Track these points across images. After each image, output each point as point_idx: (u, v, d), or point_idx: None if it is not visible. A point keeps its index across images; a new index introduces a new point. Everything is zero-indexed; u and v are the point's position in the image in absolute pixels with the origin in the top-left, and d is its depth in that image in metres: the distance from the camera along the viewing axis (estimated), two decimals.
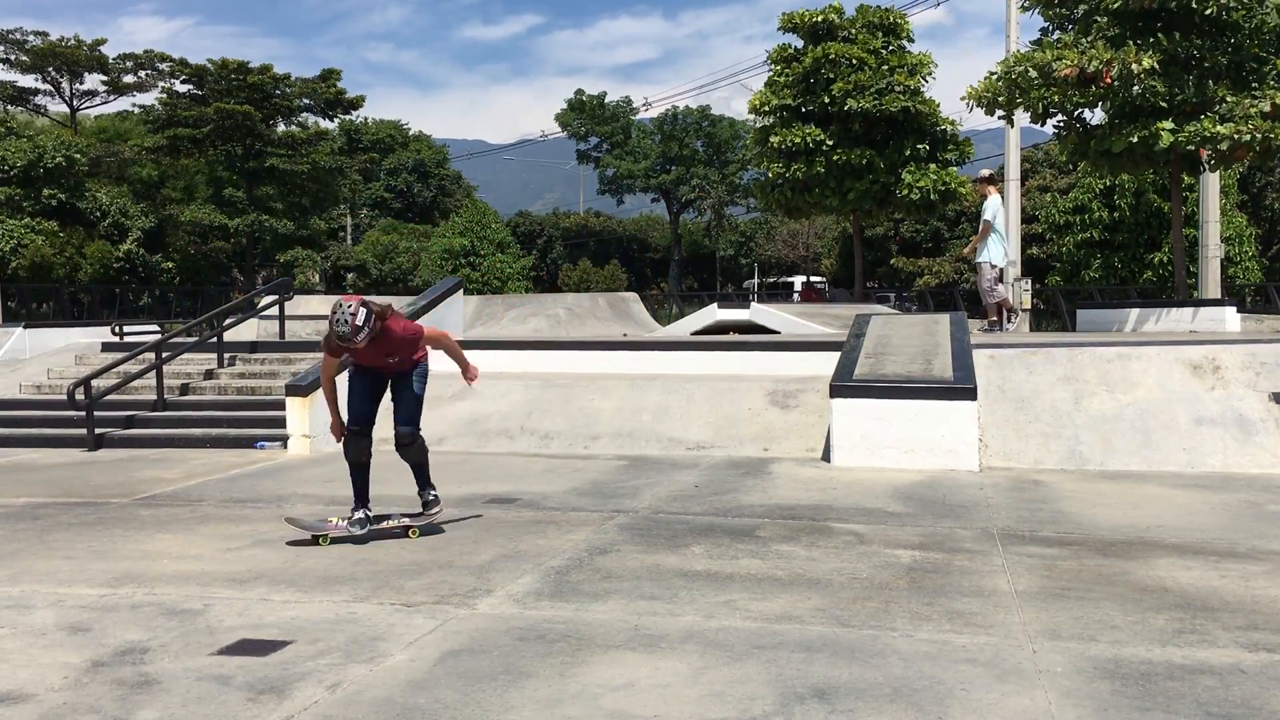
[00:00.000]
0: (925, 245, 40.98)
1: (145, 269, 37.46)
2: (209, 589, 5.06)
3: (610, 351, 12.35)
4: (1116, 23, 15.68)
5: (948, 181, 23.71)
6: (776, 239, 55.35)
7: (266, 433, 10.53)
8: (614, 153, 62.61)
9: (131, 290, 35.29)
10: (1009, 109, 17.12)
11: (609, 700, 3.58)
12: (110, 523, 6.74)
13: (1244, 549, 5.71)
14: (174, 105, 39.49)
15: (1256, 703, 3.51)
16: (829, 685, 3.69)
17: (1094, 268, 30.83)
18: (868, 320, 11.51)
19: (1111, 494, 7.43)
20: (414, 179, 61.73)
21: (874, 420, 8.70)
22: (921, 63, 24.04)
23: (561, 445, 9.91)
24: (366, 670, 3.90)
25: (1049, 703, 3.52)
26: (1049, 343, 10.57)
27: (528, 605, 4.73)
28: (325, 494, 7.63)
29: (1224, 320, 15.12)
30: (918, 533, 6.16)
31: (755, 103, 24.56)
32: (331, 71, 42.70)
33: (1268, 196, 34.75)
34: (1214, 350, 9.52)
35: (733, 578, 5.16)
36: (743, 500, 7.25)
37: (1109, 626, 4.34)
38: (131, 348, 12.61)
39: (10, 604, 4.85)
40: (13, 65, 42.34)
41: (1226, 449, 8.56)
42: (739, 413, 10.04)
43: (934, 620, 4.44)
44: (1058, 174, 37.97)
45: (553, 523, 6.55)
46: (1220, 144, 14.80)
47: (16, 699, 3.65)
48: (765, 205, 26.83)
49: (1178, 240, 17.57)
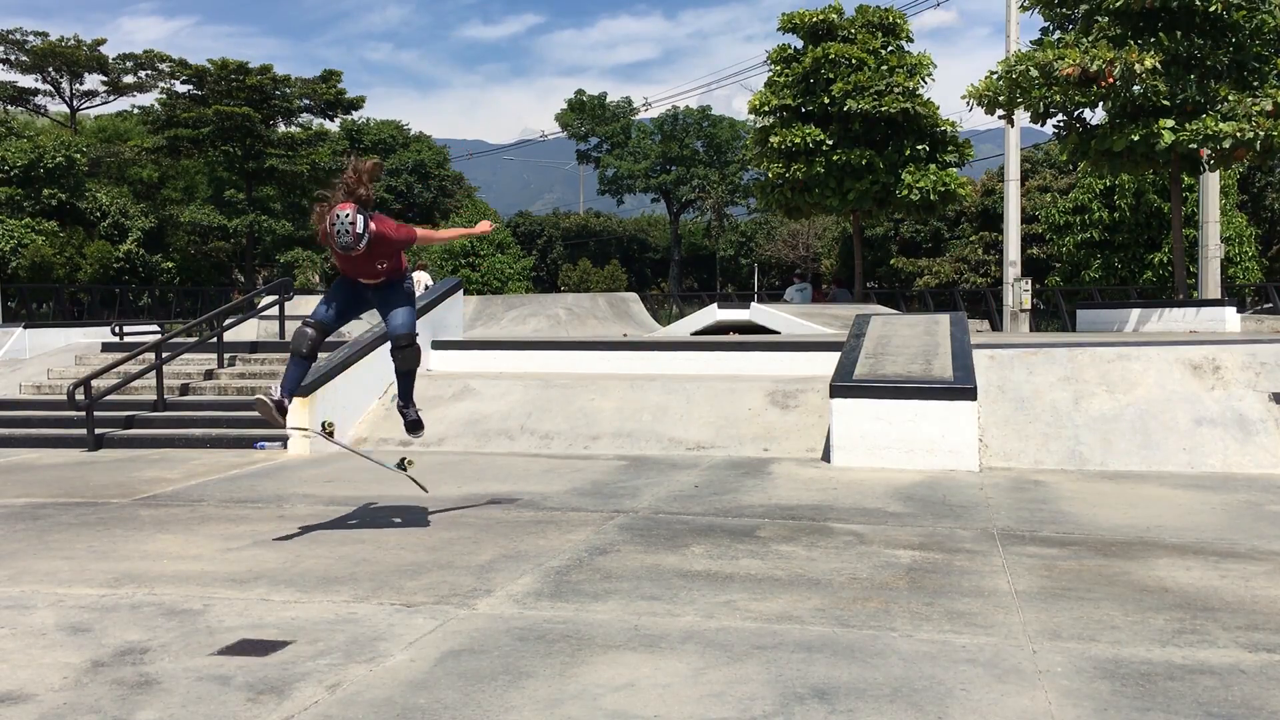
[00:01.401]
0: (925, 245, 40.95)
1: (145, 269, 37.46)
2: (209, 589, 5.06)
3: (610, 352, 12.36)
4: (1118, 22, 15.69)
5: (947, 182, 23.71)
6: (776, 239, 55.31)
7: (266, 433, 10.52)
8: (614, 153, 62.57)
9: (131, 290, 35.28)
10: (1009, 108, 17.14)
11: (609, 700, 3.58)
12: (110, 523, 6.74)
13: (1244, 549, 5.71)
14: (173, 106, 39.50)
15: (1256, 703, 3.51)
16: (829, 685, 3.69)
17: (1094, 268, 30.82)
18: (868, 320, 11.51)
19: (1111, 494, 7.43)
20: (414, 179, 61.72)
21: (874, 420, 8.70)
22: (921, 63, 24.04)
23: (561, 445, 9.91)
24: (366, 670, 3.90)
25: (1049, 703, 3.52)
26: (1049, 343, 10.58)
27: (528, 605, 4.73)
28: (325, 494, 7.63)
29: (1224, 320, 15.14)
30: (918, 533, 6.16)
31: (755, 103, 24.57)
32: (332, 73, 42.72)
33: (1268, 196, 34.73)
34: (1214, 350, 9.52)
35: (733, 578, 5.16)
36: (743, 500, 7.25)
37: (1109, 626, 4.33)
38: (131, 348, 12.61)
39: (10, 604, 4.85)
40: (13, 65, 42.38)
41: (1226, 449, 8.55)
42: (739, 413, 10.03)
43: (934, 620, 4.44)
44: (1058, 174, 37.95)
45: (553, 523, 6.55)
46: (1223, 142, 14.81)
47: (16, 699, 3.65)
48: (765, 205, 26.84)
49: (1178, 240, 17.57)
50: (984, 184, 38.72)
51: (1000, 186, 31.71)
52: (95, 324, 18.25)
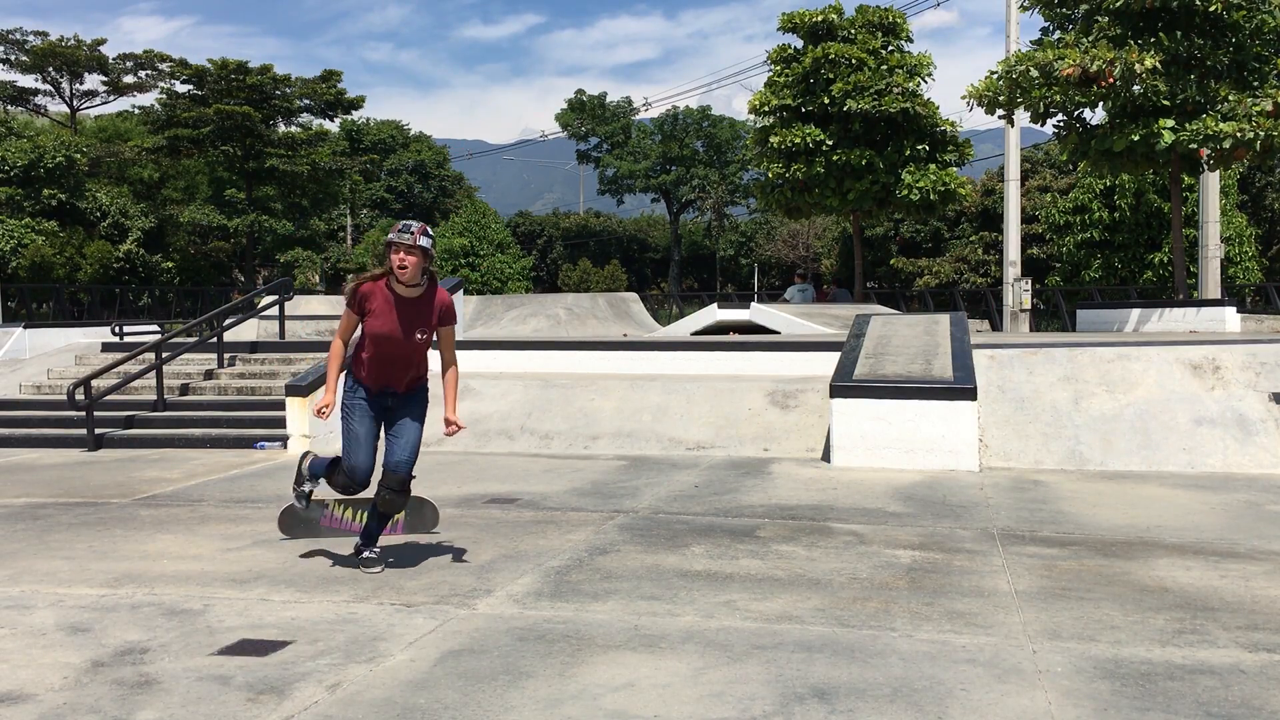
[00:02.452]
0: (925, 245, 40.95)
1: (145, 269, 37.46)
2: (209, 589, 5.06)
3: (610, 352, 12.36)
4: (1118, 22, 15.69)
5: (947, 182, 23.70)
6: (776, 239, 55.31)
7: (266, 433, 10.53)
8: (614, 153, 62.59)
9: (131, 290, 35.28)
10: (1009, 108, 17.13)
11: (609, 700, 3.58)
12: (110, 523, 6.74)
13: (1244, 549, 5.71)
14: (173, 106, 39.52)
15: (1256, 703, 3.51)
16: (829, 685, 3.69)
17: (1094, 268, 30.82)
18: (868, 320, 11.51)
19: (1111, 494, 7.43)
20: (414, 180, 61.77)
21: (874, 420, 8.70)
22: (921, 63, 24.03)
23: (561, 445, 9.91)
24: (366, 670, 3.90)
25: (1049, 703, 3.52)
26: (1049, 343, 10.58)
27: (528, 605, 4.73)
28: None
29: (1224, 320, 15.13)
30: (918, 533, 6.16)
31: (755, 103, 24.55)
32: (332, 73, 42.73)
33: (1268, 196, 34.73)
34: (1214, 350, 9.52)
35: (733, 578, 5.16)
36: (743, 500, 7.25)
37: (1109, 626, 4.33)
38: (131, 348, 12.60)
39: (10, 604, 4.85)
40: (13, 65, 42.38)
41: (1226, 449, 8.55)
42: (739, 413, 10.03)
43: (934, 620, 4.44)
44: (1058, 174, 37.95)
45: (553, 523, 6.55)
46: (1223, 142, 14.81)
47: (16, 699, 3.65)
48: (765, 205, 26.82)
49: (1177, 240, 17.57)
50: (984, 184, 38.72)
51: (1000, 186, 31.73)
52: (95, 324, 18.24)
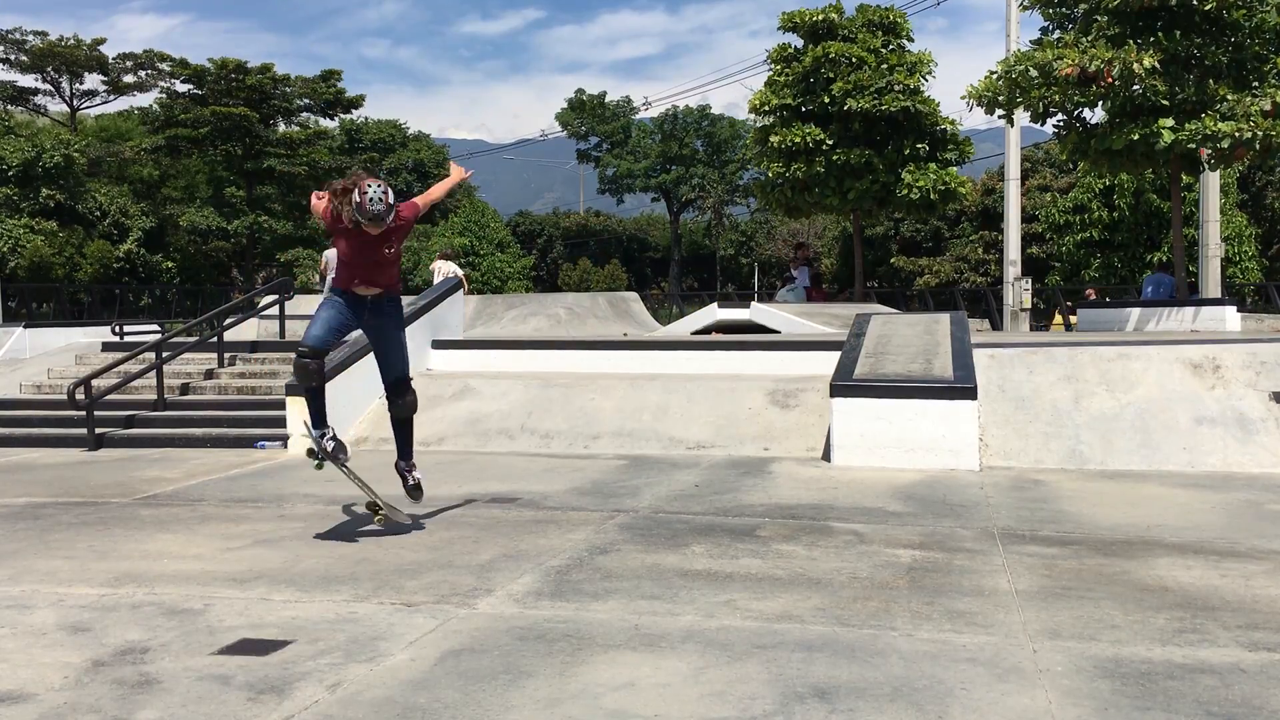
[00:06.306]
0: (925, 245, 40.93)
1: (145, 269, 37.46)
2: (209, 589, 5.06)
3: (610, 351, 12.35)
4: (1116, 21, 15.68)
5: (948, 181, 23.69)
6: (776, 239, 55.30)
7: (267, 433, 10.52)
8: (614, 152, 62.59)
9: (131, 290, 35.28)
10: (1009, 108, 17.12)
11: (609, 700, 3.58)
12: (110, 522, 6.74)
13: (1244, 548, 5.71)
14: (173, 106, 39.51)
15: (1257, 702, 3.51)
16: (829, 685, 3.69)
17: (1094, 267, 30.82)
18: (868, 320, 11.51)
19: (1112, 493, 7.43)
20: (414, 179, 61.76)
21: (874, 420, 8.70)
22: (921, 61, 24.03)
23: (562, 445, 9.91)
24: (367, 670, 3.90)
25: (1049, 702, 3.52)
26: (1049, 342, 10.58)
27: (528, 605, 4.73)
28: (325, 494, 7.63)
29: (1224, 320, 15.12)
30: (918, 532, 6.16)
31: (755, 102, 24.54)
32: (332, 72, 42.76)
33: (1268, 196, 34.72)
34: (1214, 350, 9.52)
35: (733, 577, 5.16)
36: (743, 500, 7.25)
37: (1109, 626, 4.33)
38: (131, 347, 12.60)
39: (11, 604, 4.85)
40: (12, 65, 42.37)
41: (1227, 448, 8.56)
42: (739, 412, 10.03)
43: (934, 620, 4.44)
44: (1058, 174, 37.94)
45: (553, 522, 6.55)
46: (1221, 142, 14.80)
47: (17, 699, 3.65)
48: (765, 205, 26.82)
49: (1177, 240, 17.56)
50: (984, 183, 38.69)
51: (1000, 186, 31.69)
52: (95, 324, 18.23)
